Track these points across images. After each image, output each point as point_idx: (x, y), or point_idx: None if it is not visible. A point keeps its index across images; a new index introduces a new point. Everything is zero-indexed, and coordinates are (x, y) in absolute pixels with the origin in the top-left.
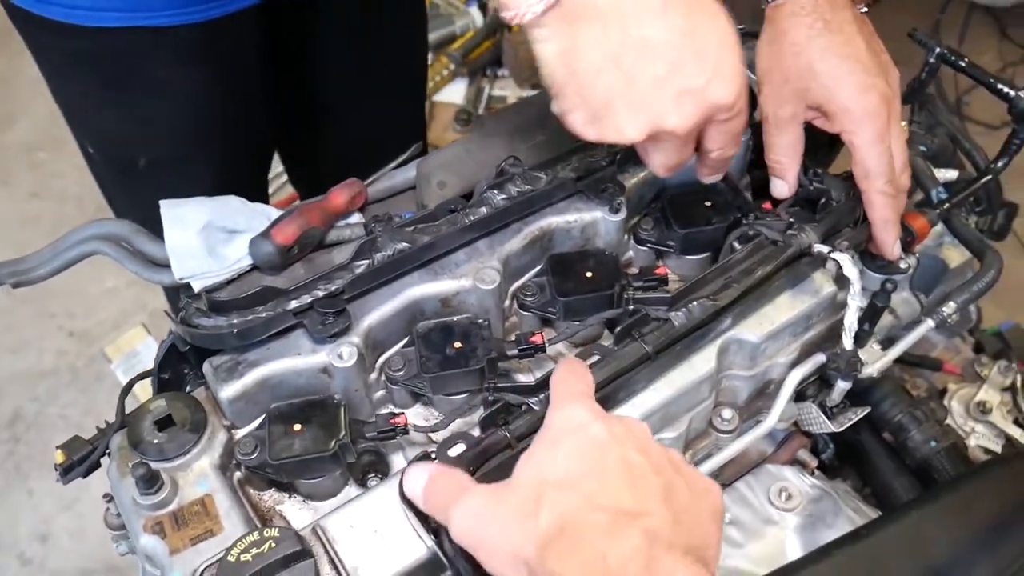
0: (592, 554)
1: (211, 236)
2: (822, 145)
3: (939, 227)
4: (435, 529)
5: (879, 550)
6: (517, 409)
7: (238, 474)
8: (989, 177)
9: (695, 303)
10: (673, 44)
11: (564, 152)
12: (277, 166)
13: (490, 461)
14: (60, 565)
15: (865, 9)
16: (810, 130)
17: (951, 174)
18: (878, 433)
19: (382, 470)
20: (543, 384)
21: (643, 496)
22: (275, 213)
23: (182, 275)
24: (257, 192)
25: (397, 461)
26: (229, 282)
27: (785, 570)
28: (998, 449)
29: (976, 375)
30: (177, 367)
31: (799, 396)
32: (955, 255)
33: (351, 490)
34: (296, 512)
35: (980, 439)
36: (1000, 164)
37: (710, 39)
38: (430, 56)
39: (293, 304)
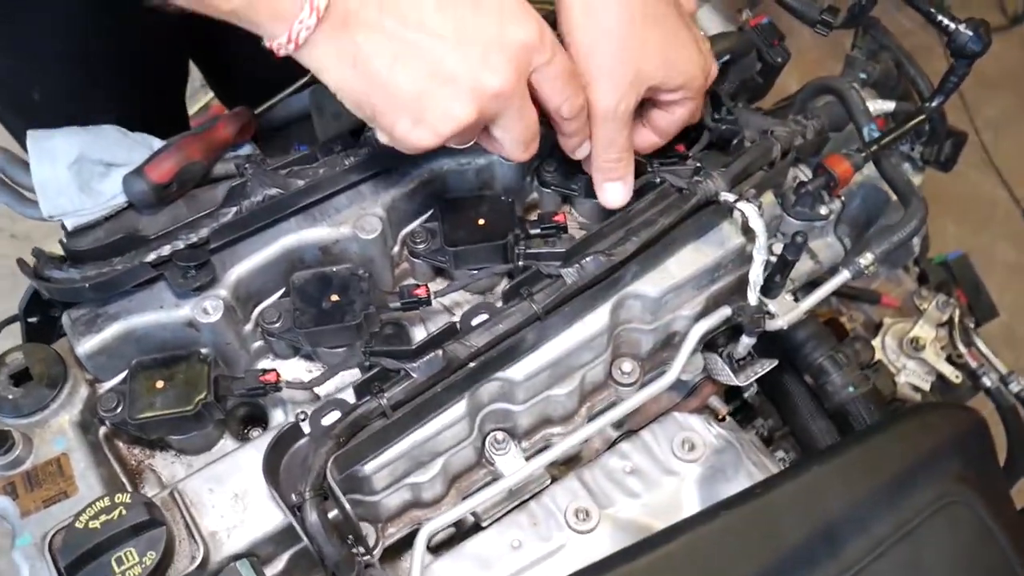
0: None
1: (84, 170)
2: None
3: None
4: (296, 507)
5: (772, 507)
6: (395, 374)
7: (104, 429)
8: (922, 117)
9: (589, 259)
10: (450, 8)
11: None
12: None
13: (364, 431)
14: None
15: None
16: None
17: (888, 106)
18: (800, 375)
19: (262, 422)
20: (422, 349)
21: None
22: (158, 144)
23: (51, 213)
24: (173, 113)
25: (277, 415)
26: (107, 219)
27: (674, 529)
28: (926, 387)
29: (915, 308)
30: (46, 311)
31: (709, 345)
32: None
33: (227, 443)
34: (167, 466)
35: (910, 376)
36: (935, 103)
37: None
38: None
39: (152, 256)
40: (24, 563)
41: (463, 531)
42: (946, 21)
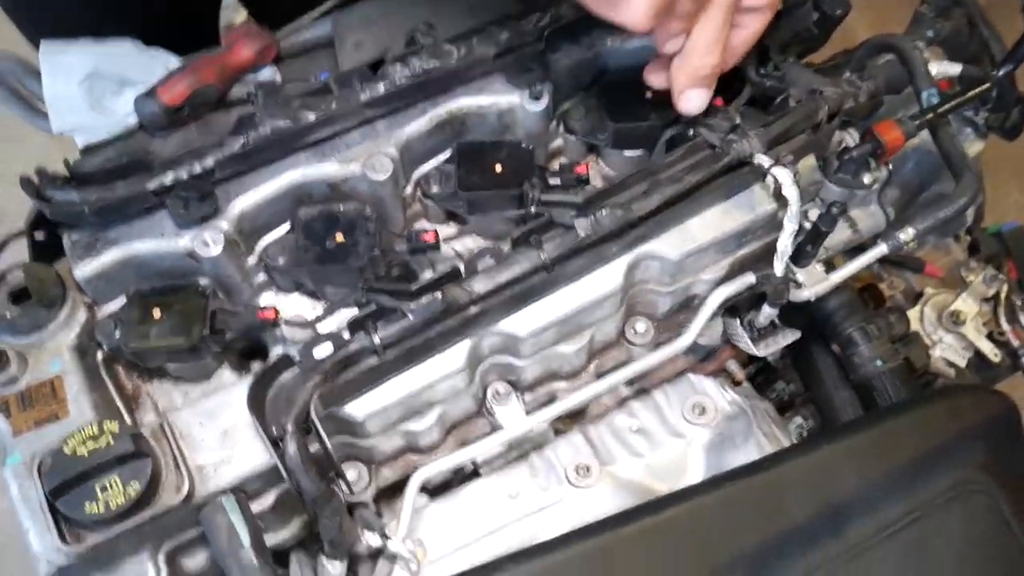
0: None
1: (97, 87)
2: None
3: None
4: (276, 440)
5: (779, 483)
6: (392, 313)
7: (102, 352)
8: (986, 87)
9: (605, 211)
10: None
11: (491, 20)
12: None
13: (354, 367)
14: None
15: None
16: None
17: (955, 68)
18: (827, 342)
19: (263, 354)
20: (421, 290)
21: None
22: (175, 62)
23: (60, 129)
24: (202, 29)
25: (277, 349)
26: (118, 139)
27: (675, 496)
28: (962, 363)
29: (960, 281)
30: (52, 228)
31: (731, 310)
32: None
33: (226, 373)
34: (165, 393)
35: (946, 351)
36: (1002, 72)
37: None
38: None
39: (154, 183)
40: (13, 481)
41: (461, 476)
42: None
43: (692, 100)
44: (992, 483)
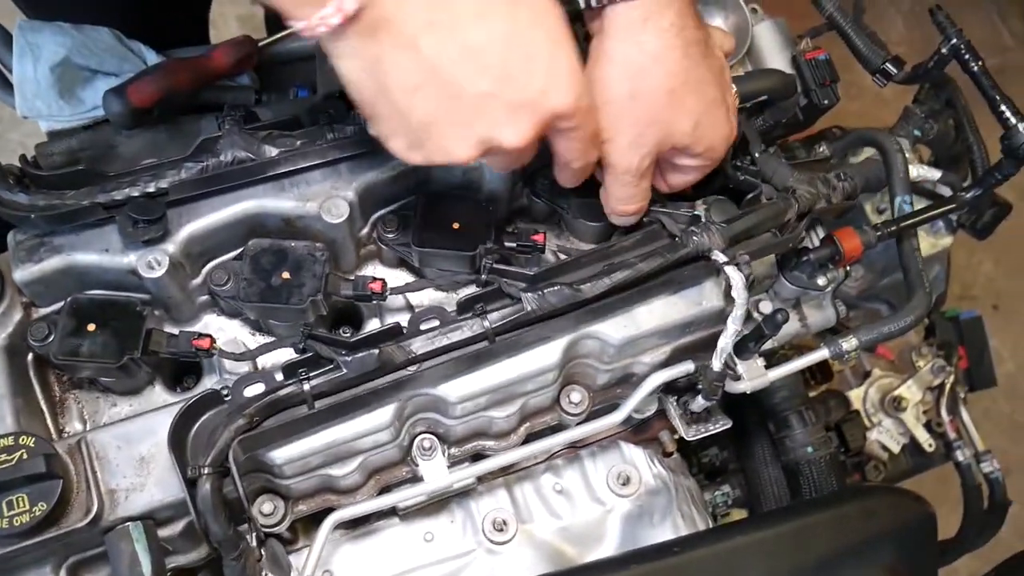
0: None
1: (68, 74)
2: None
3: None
4: (192, 480)
5: (686, 570)
6: (328, 363)
7: (32, 354)
8: (951, 207)
9: (555, 288)
10: (497, 52)
11: None
12: None
13: (281, 414)
14: None
15: None
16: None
17: (933, 174)
18: (764, 419)
19: (197, 372)
20: (359, 344)
21: None
22: (153, 58)
23: (25, 113)
24: (191, 29)
25: (211, 377)
26: (86, 128)
27: (583, 570)
28: (896, 449)
29: (910, 364)
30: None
31: (669, 386)
32: (925, 245)
33: (157, 390)
34: (93, 401)
35: (883, 434)
36: (969, 195)
37: (538, 41)
38: None
39: (104, 197)
40: None
41: (379, 513)
42: (1008, 114)
43: (620, 221)
44: None
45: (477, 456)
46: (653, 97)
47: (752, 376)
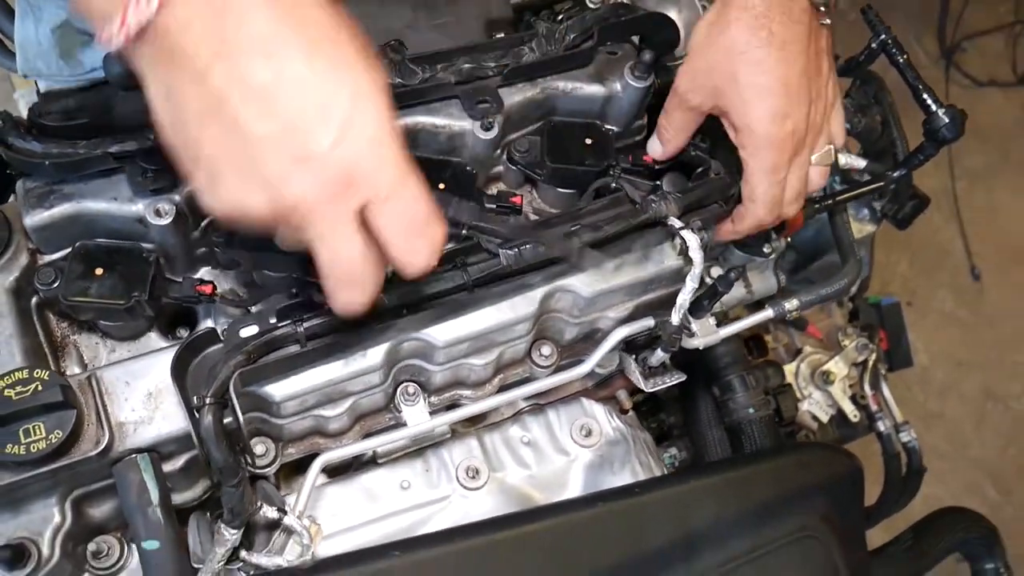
0: None
1: (68, 36)
2: None
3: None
4: (196, 409)
5: (645, 509)
6: (320, 307)
7: (36, 298)
8: (880, 184)
9: (528, 246)
10: (285, 96)
11: (457, 48)
12: None
13: (276, 351)
14: None
15: (827, 21)
16: None
17: (859, 163)
18: (709, 384)
19: (191, 323)
20: None
21: None
22: None
23: (25, 71)
24: None
25: (206, 321)
26: (83, 89)
27: (552, 508)
28: (825, 419)
29: (836, 343)
30: (3, 169)
31: (629, 345)
32: (852, 230)
33: (153, 338)
34: (91, 346)
35: (813, 405)
36: (896, 174)
37: (337, 92)
38: None
39: (116, 147)
40: None
41: (359, 462)
42: (929, 101)
43: None
44: (829, 532)
45: (453, 406)
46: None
47: (705, 333)
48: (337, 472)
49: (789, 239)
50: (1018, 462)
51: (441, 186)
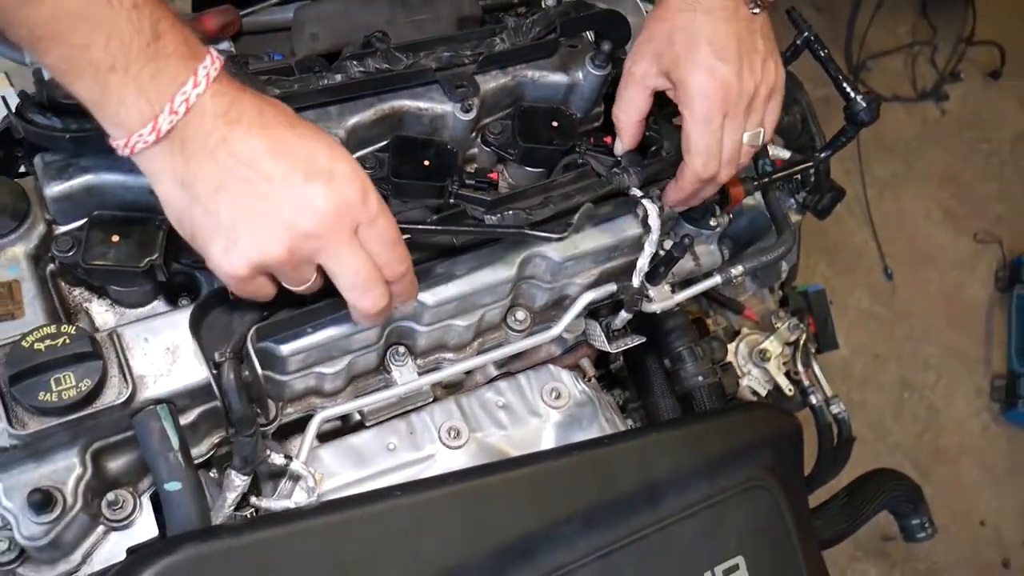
0: None
1: None
2: None
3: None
4: (218, 364)
5: (612, 457)
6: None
7: (52, 267)
8: (809, 164)
9: (510, 212)
10: (284, 157)
11: (436, 38)
12: None
13: (284, 311)
14: None
15: (756, 11)
16: None
17: (784, 154)
18: (661, 358)
19: (194, 292)
20: None
21: None
22: None
23: (33, 60)
24: None
25: (208, 286)
26: None
27: (528, 457)
28: (763, 393)
29: (770, 326)
30: (10, 148)
31: (593, 313)
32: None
33: (159, 305)
34: (102, 313)
35: (752, 381)
36: (822, 155)
37: (316, 140)
38: None
39: None
40: None
41: (348, 427)
42: (848, 89)
43: None
44: (774, 483)
45: (437, 368)
46: None
47: (661, 298)
48: (326, 437)
49: (731, 215)
50: (933, 445)
51: (426, 163)
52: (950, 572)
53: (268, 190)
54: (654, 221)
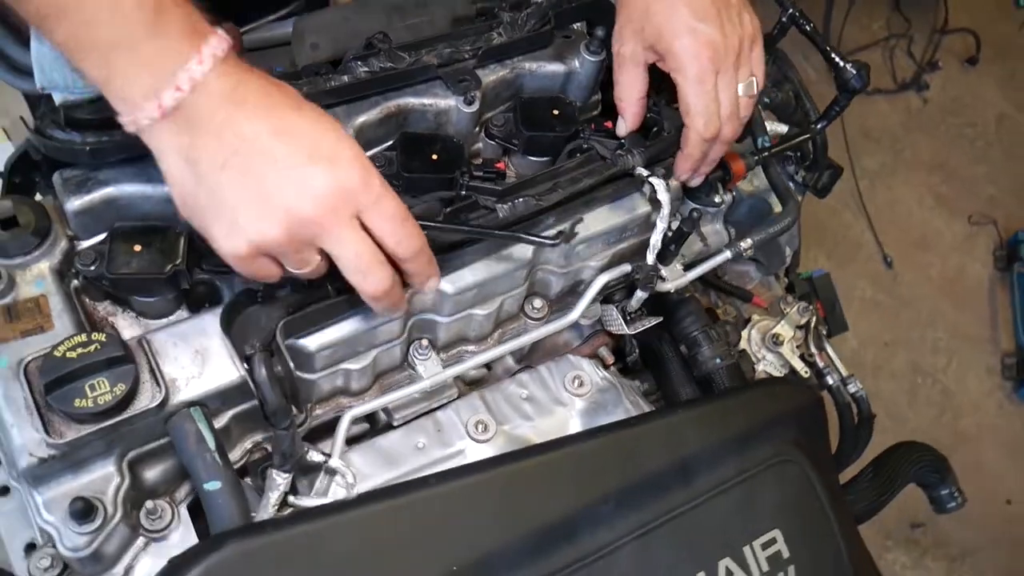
0: None
1: None
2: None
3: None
4: (248, 358)
5: (641, 438)
6: None
7: (75, 282)
8: (807, 136)
9: (521, 199)
10: (286, 137)
11: (434, 37)
12: None
13: (310, 307)
14: None
15: None
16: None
17: (781, 128)
18: (676, 345)
19: (216, 301)
20: None
21: None
22: None
23: (43, 84)
24: None
25: (230, 293)
26: (92, 101)
27: (559, 441)
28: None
29: (779, 311)
30: (28, 173)
31: (608, 299)
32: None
33: (183, 314)
34: (127, 325)
35: (767, 366)
36: (819, 126)
37: (321, 126)
38: None
39: None
40: (0, 383)
41: (376, 429)
42: (837, 58)
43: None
44: (802, 457)
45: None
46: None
47: (674, 277)
48: (355, 442)
49: (734, 192)
50: (952, 428)
51: (434, 156)
52: (983, 553)
53: (270, 171)
54: (663, 196)
